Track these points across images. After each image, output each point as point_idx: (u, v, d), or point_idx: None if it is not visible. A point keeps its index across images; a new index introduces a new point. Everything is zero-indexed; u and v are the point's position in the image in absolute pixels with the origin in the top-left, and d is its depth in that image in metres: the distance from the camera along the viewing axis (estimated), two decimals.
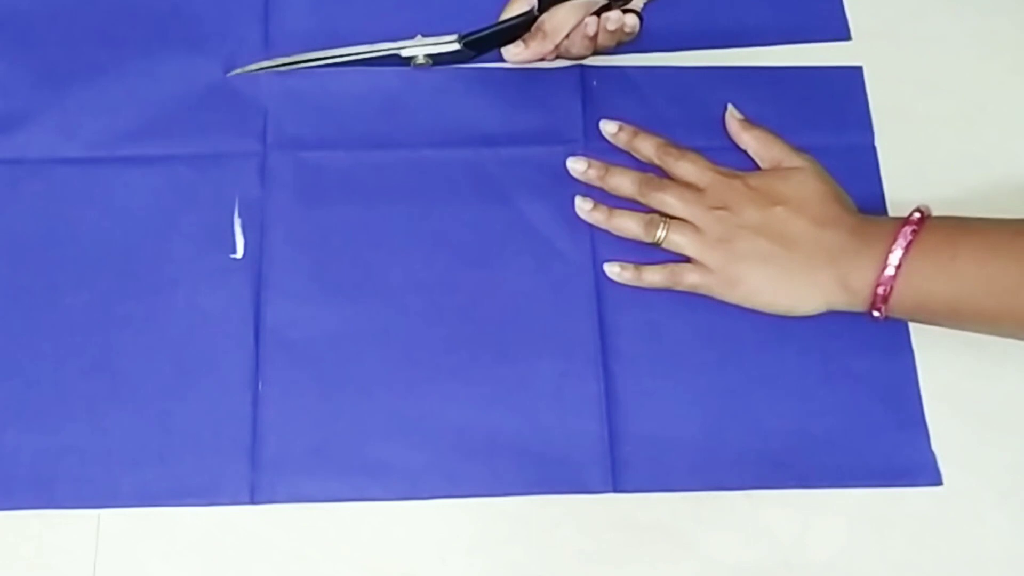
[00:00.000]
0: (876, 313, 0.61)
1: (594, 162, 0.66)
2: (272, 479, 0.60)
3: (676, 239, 0.63)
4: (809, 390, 0.62)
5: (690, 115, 0.68)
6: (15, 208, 0.65)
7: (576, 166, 0.66)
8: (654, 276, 0.64)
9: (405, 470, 0.61)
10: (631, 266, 0.64)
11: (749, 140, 0.66)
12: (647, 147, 0.66)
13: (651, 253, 0.65)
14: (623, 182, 0.65)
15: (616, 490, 0.60)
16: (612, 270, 0.64)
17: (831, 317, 0.62)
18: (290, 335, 0.63)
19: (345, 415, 0.62)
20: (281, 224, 0.65)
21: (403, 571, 0.61)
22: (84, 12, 0.70)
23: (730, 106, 0.68)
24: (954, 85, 0.71)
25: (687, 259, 0.64)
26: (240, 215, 0.65)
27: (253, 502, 0.60)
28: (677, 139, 0.67)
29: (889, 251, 0.59)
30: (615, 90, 0.69)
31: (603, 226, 0.65)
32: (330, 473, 0.61)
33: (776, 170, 0.65)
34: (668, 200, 0.64)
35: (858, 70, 0.70)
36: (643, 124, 0.67)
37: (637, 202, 0.65)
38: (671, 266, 0.64)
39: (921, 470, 0.61)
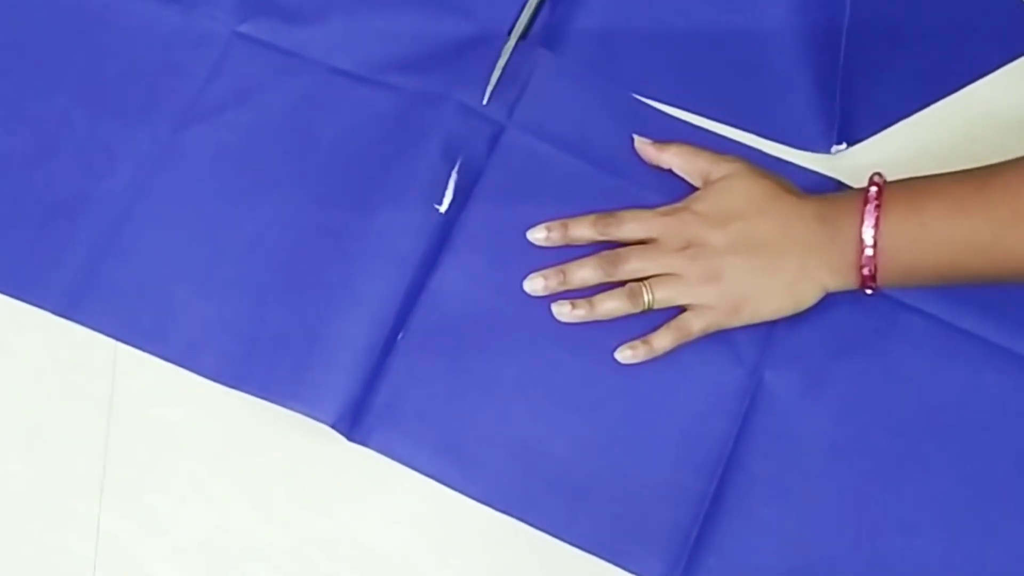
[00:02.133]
0: (869, 291, 0.61)
1: (549, 272, 0.64)
2: (372, 423, 0.62)
3: (664, 295, 0.62)
4: None
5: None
6: (271, 95, 0.68)
7: (535, 285, 0.64)
8: (663, 340, 0.62)
9: (493, 474, 0.61)
10: (638, 342, 0.62)
11: (671, 159, 0.65)
12: (583, 231, 0.64)
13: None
14: (586, 273, 0.63)
15: None
16: (623, 354, 0.62)
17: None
18: (447, 304, 0.64)
19: (463, 401, 0.63)
20: (487, 201, 0.65)
21: (403, 571, 0.61)
22: None
23: (635, 136, 0.66)
24: None
25: (681, 310, 0.62)
26: (458, 173, 0.65)
27: (350, 438, 0.62)
28: None
29: (860, 233, 0.59)
30: None
31: (590, 319, 0.63)
32: (424, 443, 0.62)
33: (713, 185, 0.63)
34: (636, 266, 0.62)
35: None
36: None
37: (607, 285, 0.63)
38: (672, 323, 0.62)
39: None
